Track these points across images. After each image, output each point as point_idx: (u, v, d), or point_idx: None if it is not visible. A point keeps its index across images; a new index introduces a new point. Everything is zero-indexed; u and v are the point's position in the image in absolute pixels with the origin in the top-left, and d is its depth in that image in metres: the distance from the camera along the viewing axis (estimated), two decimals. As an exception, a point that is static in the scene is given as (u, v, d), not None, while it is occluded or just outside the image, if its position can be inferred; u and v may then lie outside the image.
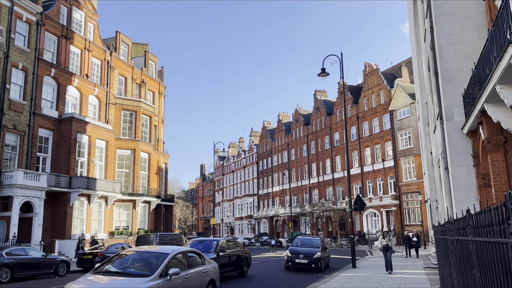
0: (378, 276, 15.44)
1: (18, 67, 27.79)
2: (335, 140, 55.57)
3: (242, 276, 16.73)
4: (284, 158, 68.21)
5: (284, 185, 67.17)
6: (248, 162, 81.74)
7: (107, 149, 33.91)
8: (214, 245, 15.73)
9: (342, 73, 20.50)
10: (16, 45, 27.68)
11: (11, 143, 27.12)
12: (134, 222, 35.84)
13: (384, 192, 46.41)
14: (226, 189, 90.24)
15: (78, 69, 33.43)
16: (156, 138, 42.16)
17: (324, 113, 58.27)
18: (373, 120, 48.75)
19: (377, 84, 48.64)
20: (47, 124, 29.79)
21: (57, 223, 29.13)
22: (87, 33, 34.70)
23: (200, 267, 9.73)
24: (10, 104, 26.92)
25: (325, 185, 56.91)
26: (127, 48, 40.01)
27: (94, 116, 34.44)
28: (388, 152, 46.48)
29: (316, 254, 18.33)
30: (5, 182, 24.77)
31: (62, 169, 29.75)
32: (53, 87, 30.99)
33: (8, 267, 16.66)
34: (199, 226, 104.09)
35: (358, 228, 49.08)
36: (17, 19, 28.01)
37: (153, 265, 8.38)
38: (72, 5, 33.10)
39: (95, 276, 8.22)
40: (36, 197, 26.06)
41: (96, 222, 32.50)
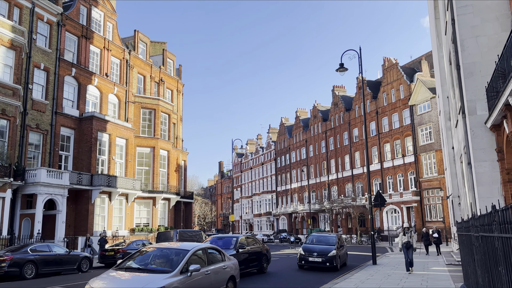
0: (399, 273, 15.25)
1: (40, 67, 28.34)
2: (354, 136, 55.05)
3: (261, 272, 16.73)
4: (303, 154, 67.93)
5: (303, 182, 66.92)
6: (266, 159, 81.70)
7: (127, 147, 34.34)
8: (234, 241, 15.73)
9: (360, 68, 20.25)
10: (37, 46, 28.22)
11: (35, 142, 27.72)
12: (154, 219, 36.24)
13: (405, 188, 45.81)
14: (244, 186, 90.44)
15: (98, 69, 33.91)
16: (175, 136, 42.49)
17: (342, 109, 57.77)
18: (393, 115, 48.11)
19: (397, 78, 47.95)
20: (69, 123, 30.33)
21: (80, 220, 29.69)
22: (106, 32, 35.15)
23: (220, 264, 9.77)
24: (33, 104, 27.49)
25: (344, 182, 56.49)
26: (145, 47, 40.38)
27: (114, 115, 34.91)
28: (408, 147, 45.83)
29: (331, 252, 17.34)
30: (29, 180, 25.35)
31: (84, 167, 30.26)
32: (74, 86, 31.52)
33: (33, 263, 17.04)
34: (218, 223, 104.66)
35: (378, 225, 48.59)
36: (38, 20, 28.55)
37: (174, 262, 8.45)
38: (91, 5, 33.56)
39: (117, 272, 8.33)
40: (59, 194, 26.60)
41: (117, 219, 32.99)
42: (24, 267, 16.60)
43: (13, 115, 23.92)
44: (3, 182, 22.71)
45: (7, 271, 16.08)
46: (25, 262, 16.72)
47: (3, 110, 23.23)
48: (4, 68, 23.93)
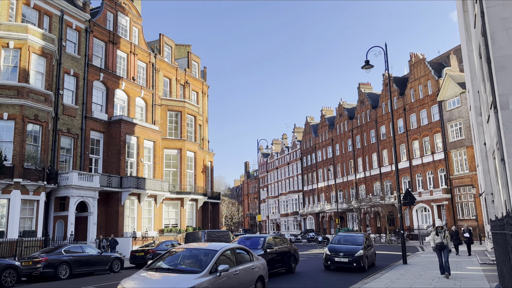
0: (431, 273, 14.92)
1: (70, 73, 29.14)
2: (381, 133, 54.21)
3: (290, 272, 16.68)
4: (329, 153, 67.37)
5: (330, 181, 66.38)
6: (291, 158, 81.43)
7: (154, 149, 34.89)
8: (261, 241, 15.74)
9: (387, 65, 19.93)
10: (67, 53, 29.03)
11: (66, 146, 28.51)
12: (183, 219, 36.68)
13: (435, 186, 44.79)
14: (270, 186, 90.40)
15: (125, 73, 34.59)
16: (201, 137, 42.88)
17: (369, 106, 56.98)
18: (421, 111, 47.12)
19: (424, 74, 46.95)
20: (98, 126, 31.05)
21: (110, 222, 30.34)
22: (132, 37, 35.82)
23: (248, 264, 9.80)
24: (64, 109, 28.29)
25: (372, 180, 55.71)
26: (170, 50, 40.93)
27: (141, 118, 35.53)
28: (437, 144, 44.79)
29: (358, 252, 16.82)
30: (62, 183, 26.09)
31: (113, 170, 30.92)
32: (102, 91, 32.25)
33: (67, 264, 17.53)
34: (245, 223, 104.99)
35: (408, 224, 47.70)
36: (67, 27, 29.36)
37: (203, 262, 8.53)
38: (117, 11, 34.27)
39: (147, 272, 8.47)
40: (90, 197, 27.27)
41: (147, 220, 33.55)
42: (59, 267, 17.10)
43: (45, 120, 24.67)
44: (37, 185, 23.46)
45: (43, 271, 16.61)
46: (60, 263, 17.21)
47: (35, 116, 24.00)
48: (36, 75, 24.72)
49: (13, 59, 24.09)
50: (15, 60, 24.06)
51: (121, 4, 34.66)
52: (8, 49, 24.08)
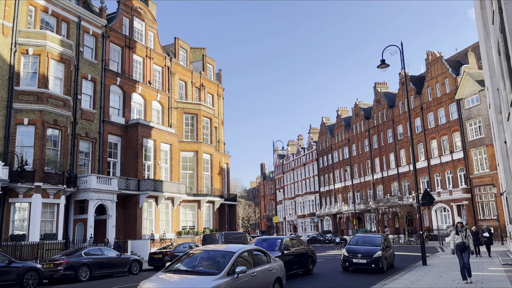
0: (451, 274, 14.68)
1: (88, 78, 29.60)
2: (399, 133, 53.62)
3: (307, 274, 16.61)
4: (345, 154, 66.93)
5: (347, 182, 65.91)
6: (307, 159, 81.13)
7: (171, 152, 35.17)
8: (279, 243, 15.70)
9: (403, 63, 19.72)
10: (84, 58, 29.50)
11: (84, 150, 28.95)
12: (200, 221, 36.87)
13: (454, 186, 44.07)
14: (287, 187, 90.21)
15: (141, 77, 34.97)
16: (217, 139, 43.06)
17: (385, 106, 56.44)
18: (439, 110, 46.45)
19: (441, 72, 46.29)
20: (115, 130, 31.45)
21: (129, 224, 30.68)
22: (148, 41, 36.21)
23: (266, 265, 9.79)
24: (82, 114, 28.74)
25: (390, 180, 55.11)
26: (185, 53, 41.24)
27: (158, 121, 35.86)
28: (456, 143, 44.08)
29: (377, 253, 16.59)
30: (81, 187, 26.50)
31: (131, 173, 31.26)
32: (119, 95, 32.67)
33: (87, 267, 17.79)
34: (262, 225, 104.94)
35: (427, 224, 47.04)
36: (85, 33, 29.84)
37: (221, 264, 8.56)
38: (133, 16, 34.69)
39: (166, 274, 8.55)
40: (109, 200, 27.62)
41: (164, 222, 33.81)
42: (79, 270, 17.36)
43: (64, 125, 25.11)
44: (57, 189, 23.88)
45: (63, 274, 16.89)
46: (80, 265, 17.48)
47: (55, 121, 24.44)
48: (55, 80, 25.18)
49: (32, 65, 24.60)
50: (35, 66, 24.56)
51: (136, 9, 35.08)
52: (27, 56, 24.60)
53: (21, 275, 15.30)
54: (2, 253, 15.87)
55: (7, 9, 24.37)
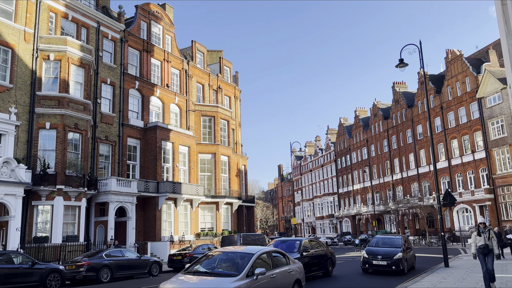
0: (474, 276, 14.37)
1: (107, 82, 30.04)
2: (418, 133, 52.87)
3: (327, 276, 16.50)
4: (364, 154, 66.32)
5: (365, 183, 65.27)
6: (325, 160, 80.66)
7: (189, 154, 35.41)
8: (297, 245, 15.65)
9: (422, 62, 19.45)
10: (104, 62, 29.96)
11: (104, 153, 29.38)
12: (218, 223, 37.00)
13: (476, 186, 43.19)
14: (304, 188, 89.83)
15: (159, 80, 35.33)
16: (235, 141, 43.18)
17: (404, 106, 55.73)
18: (459, 109, 45.64)
19: (462, 71, 45.47)
20: (134, 133, 31.83)
21: (148, 226, 30.98)
22: (165, 45, 36.57)
23: (285, 267, 9.76)
24: (102, 117, 29.18)
25: (410, 181, 54.36)
26: (202, 56, 41.51)
27: (176, 124, 36.16)
28: (478, 142, 43.22)
29: (397, 255, 16.32)
30: (101, 189, 26.88)
31: (150, 175, 31.58)
32: (137, 98, 33.06)
33: (108, 268, 18.03)
34: (280, 226, 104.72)
35: (448, 225, 46.20)
36: (104, 38, 30.31)
37: (240, 265, 8.56)
38: (151, 20, 35.09)
39: (185, 276, 8.59)
40: (129, 202, 27.95)
41: (183, 224, 34.04)
42: (100, 271, 17.61)
43: (84, 128, 25.54)
44: (79, 191, 24.28)
45: (85, 275, 17.16)
46: (101, 266, 17.73)
47: (75, 125, 24.88)
48: (75, 85, 25.64)
49: (53, 71, 25.11)
50: (56, 71, 25.05)
51: (154, 13, 35.48)
52: (49, 61, 25.12)
53: (44, 277, 15.60)
54: (25, 255, 16.22)
55: (28, 16, 24.94)
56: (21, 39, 24.27)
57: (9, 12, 24.11)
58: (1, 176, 20.09)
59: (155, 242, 29.84)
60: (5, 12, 23.92)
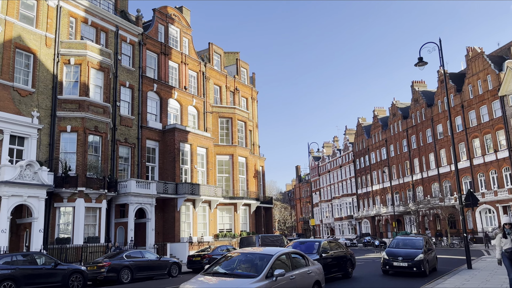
0: (499, 278, 14.02)
1: (126, 85, 30.43)
2: (438, 132, 52.02)
3: (347, 277, 16.35)
4: (383, 155, 65.58)
5: (385, 183, 64.52)
6: (344, 161, 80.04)
7: (207, 156, 35.58)
8: (316, 246, 15.55)
9: (442, 60, 19.11)
10: (122, 66, 30.36)
11: (124, 155, 29.75)
12: (236, 224, 37.07)
13: (499, 186, 42.24)
14: (323, 189, 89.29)
15: (177, 82, 35.61)
16: (252, 143, 43.21)
17: (424, 105, 54.93)
18: (481, 108, 44.75)
19: (483, 68, 44.58)
20: (153, 135, 32.15)
21: (167, 227, 31.23)
22: (183, 47, 36.85)
23: (304, 268, 9.71)
24: (121, 120, 29.57)
25: (430, 181, 53.51)
26: (219, 58, 41.70)
27: (193, 125, 36.39)
28: (500, 142, 42.28)
29: (418, 256, 16.13)
30: (121, 191, 27.22)
31: (169, 177, 31.84)
32: (156, 101, 33.39)
33: (129, 269, 18.23)
34: (298, 228, 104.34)
35: (470, 226, 45.30)
36: (122, 41, 30.72)
37: (259, 266, 8.55)
38: (168, 23, 35.42)
39: (205, 277, 8.62)
40: (148, 203, 28.22)
41: (202, 225, 34.21)
42: (121, 272, 17.82)
43: (104, 131, 25.91)
44: (99, 193, 24.64)
45: (106, 276, 17.39)
46: (122, 267, 17.93)
47: (95, 127, 25.27)
48: (95, 88, 26.05)
49: (74, 75, 25.56)
50: (76, 75, 25.50)
51: (171, 16, 35.80)
52: (69, 65, 25.59)
53: (66, 277, 15.87)
54: (48, 256, 16.53)
55: (49, 21, 25.46)
56: (43, 44, 24.79)
57: (30, 18, 24.66)
58: (25, 178, 20.52)
59: (174, 243, 30.05)
60: (27, 18, 24.47)
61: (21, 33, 23.77)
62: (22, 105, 23.26)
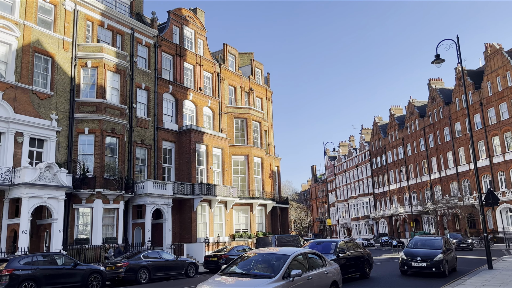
0: (521, 278, 13.74)
1: (142, 87, 30.72)
2: (456, 130, 51.21)
3: (364, 277, 16.22)
4: (400, 154, 64.86)
5: (402, 183, 63.79)
6: (360, 160, 79.41)
7: (223, 156, 35.70)
8: (333, 246, 15.46)
9: (459, 58, 18.81)
10: (138, 68, 30.66)
11: (140, 156, 30.04)
12: (252, 224, 37.09)
13: (520, 185, 41.38)
14: (339, 189, 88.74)
15: (192, 84, 35.81)
16: (267, 143, 43.18)
17: (441, 103, 54.15)
18: (500, 105, 43.89)
19: (502, 65, 43.73)
20: (169, 137, 32.38)
21: (184, 228, 31.41)
22: (197, 48, 37.04)
23: (321, 269, 9.66)
24: (137, 121, 29.86)
25: (448, 180, 52.69)
26: (234, 59, 41.79)
27: (209, 126, 36.54)
28: (521, 139, 41.42)
29: (437, 257, 15.88)
30: (138, 192, 27.49)
31: (185, 177, 32.03)
32: (171, 102, 33.63)
33: (146, 269, 18.40)
34: (314, 228, 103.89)
35: (491, 226, 44.47)
36: (138, 44, 31.03)
37: (275, 267, 8.54)
38: (183, 25, 35.64)
39: (222, 277, 8.65)
40: (165, 204, 28.44)
41: (218, 225, 34.32)
42: (139, 272, 18.00)
43: (121, 133, 26.20)
44: (116, 194, 24.92)
45: (124, 276, 17.58)
46: (139, 268, 18.12)
47: (112, 129, 25.57)
48: (112, 90, 26.36)
49: (91, 77, 25.92)
50: (93, 78, 25.85)
51: (185, 17, 36.01)
52: (86, 68, 25.96)
53: (86, 277, 16.09)
54: (68, 256, 16.78)
55: (66, 25, 25.86)
56: (60, 47, 25.19)
57: (48, 22, 25.09)
58: (44, 180, 20.87)
59: (191, 243, 30.20)
60: (45, 23, 24.90)
61: (40, 37, 24.20)
62: (41, 108, 23.67)
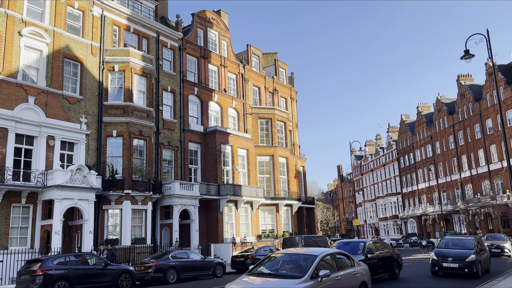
0: (559, 280, 13.23)
1: (167, 89, 31.15)
2: (488, 127, 49.73)
3: (393, 278, 15.94)
4: (428, 152, 63.48)
5: (431, 181, 62.41)
6: (387, 159, 78.16)
7: (248, 157, 35.79)
8: (361, 246, 15.26)
9: (490, 52, 18.24)
10: (164, 71, 31.09)
11: (167, 157, 30.45)
12: (279, 225, 37.03)
13: (556, 183, 39.82)
14: (366, 189, 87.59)
15: (217, 85, 36.05)
16: (292, 143, 43.03)
17: (471, 99, 52.70)
18: (534, 100, 42.39)
19: (535, 58, 42.21)
20: (195, 138, 32.70)
21: (211, 228, 31.65)
22: (222, 50, 37.27)
23: (350, 269, 9.55)
24: (164, 123, 30.28)
25: (480, 179, 51.23)
26: (258, 59, 41.85)
27: (234, 127, 36.71)
28: (557, 135, 39.90)
29: (470, 257, 15.50)
30: (166, 193, 27.87)
31: (211, 178, 32.28)
32: (197, 104, 33.96)
33: (174, 269, 18.64)
34: (341, 228, 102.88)
35: (525, 225, 43.00)
36: (163, 47, 31.48)
37: (303, 267, 8.50)
38: (207, 27, 35.94)
39: (249, 277, 8.66)
40: (191, 205, 28.73)
41: (244, 226, 34.42)
42: (167, 272, 18.25)
43: (148, 135, 26.63)
44: (144, 195, 25.34)
45: (153, 276, 17.85)
46: (168, 268, 18.36)
47: (140, 132, 26.01)
48: (138, 93, 26.83)
49: (118, 81, 26.45)
50: (120, 81, 26.38)
51: (209, 20, 36.30)
52: (113, 72, 26.51)
53: (116, 277, 16.43)
54: (99, 256, 17.16)
55: (94, 30, 26.48)
56: (89, 53, 25.81)
57: (77, 28, 25.74)
58: (75, 182, 21.42)
59: (218, 244, 30.39)
60: (74, 29, 25.57)
61: (69, 43, 24.85)
62: (71, 112, 24.30)
